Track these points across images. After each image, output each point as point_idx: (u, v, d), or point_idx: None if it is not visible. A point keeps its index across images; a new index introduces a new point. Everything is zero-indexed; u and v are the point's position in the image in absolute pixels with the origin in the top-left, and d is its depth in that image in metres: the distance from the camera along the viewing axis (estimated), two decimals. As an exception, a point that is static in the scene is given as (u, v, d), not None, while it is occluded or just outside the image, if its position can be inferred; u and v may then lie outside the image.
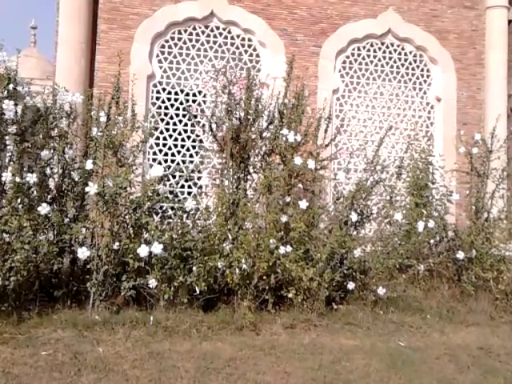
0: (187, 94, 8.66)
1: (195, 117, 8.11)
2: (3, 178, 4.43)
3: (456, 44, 9.65)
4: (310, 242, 5.05)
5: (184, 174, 5.40)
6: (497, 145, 6.56)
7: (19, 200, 4.28)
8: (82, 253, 4.30)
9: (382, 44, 9.42)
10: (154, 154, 8.51)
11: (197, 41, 8.75)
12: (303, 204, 5.13)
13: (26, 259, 4.08)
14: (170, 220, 4.83)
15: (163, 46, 8.67)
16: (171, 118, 8.59)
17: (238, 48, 8.89)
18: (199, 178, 8.36)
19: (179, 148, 8.58)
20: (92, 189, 4.35)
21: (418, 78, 9.58)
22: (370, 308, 5.05)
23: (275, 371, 3.55)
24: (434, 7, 9.60)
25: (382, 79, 9.40)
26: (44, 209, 4.32)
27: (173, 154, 8.56)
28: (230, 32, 8.86)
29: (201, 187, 8.14)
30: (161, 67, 8.63)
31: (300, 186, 5.69)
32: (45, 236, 4.44)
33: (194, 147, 8.53)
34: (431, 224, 5.73)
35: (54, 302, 4.47)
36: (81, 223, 4.56)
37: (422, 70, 9.60)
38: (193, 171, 7.62)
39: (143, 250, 4.28)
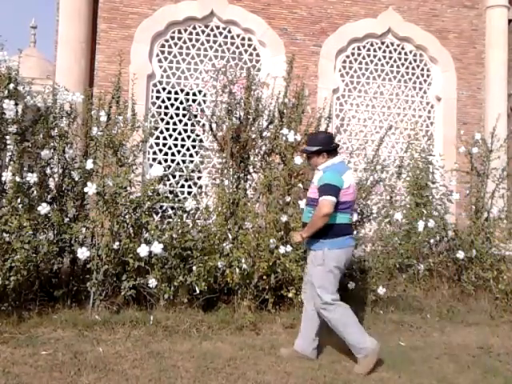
0: (187, 94, 8.67)
1: (195, 116, 8.11)
2: (3, 178, 4.42)
3: (456, 43, 9.66)
4: (310, 242, 5.04)
5: (184, 173, 5.39)
6: (497, 144, 6.56)
7: (19, 200, 4.27)
8: (82, 253, 4.29)
9: (382, 43, 9.43)
10: (154, 153, 8.51)
11: (197, 40, 8.75)
12: (303, 204, 5.12)
13: (26, 259, 4.08)
14: (170, 220, 4.83)
15: (163, 46, 8.67)
16: (171, 117, 8.60)
17: (237, 47, 8.89)
18: (199, 178, 8.37)
19: (179, 148, 8.58)
20: (91, 189, 4.35)
21: (418, 78, 9.58)
22: (370, 308, 5.06)
23: (275, 371, 3.55)
24: (434, 7, 9.61)
25: (382, 79, 9.40)
26: (44, 208, 4.32)
27: (173, 154, 8.56)
28: (229, 31, 8.87)
29: (201, 187, 8.14)
30: (161, 67, 8.64)
31: (300, 185, 5.67)
32: (45, 236, 4.43)
33: (194, 147, 8.54)
34: (431, 224, 5.73)
35: (54, 302, 4.47)
36: (81, 223, 4.56)
37: (422, 70, 9.60)
38: (193, 171, 7.60)
39: (143, 250, 4.28)
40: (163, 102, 8.61)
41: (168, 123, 8.57)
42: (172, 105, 8.62)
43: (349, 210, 3.75)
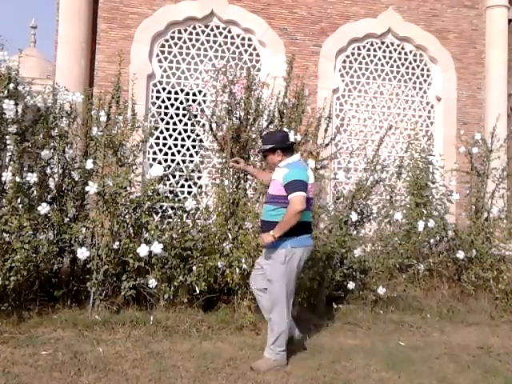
0: (187, 94, 8.66)
1: (195, 116, 8.11)
2: (3, 178, 4.42)
3: (456, 43, 9.65)
4: (310, 242, 5.04)
5: (184, 173, 5.40)
6: (497, 144, 6.56)
7: (19, 200, 4.27)
8: (82, 253, 4.29)
9: (382, 43, 9.42)
10: (154, 153, 8.51)
11: (197, 40, 8.75)
12: (303, 203, 5.12)
13: (26, 259, 4.08)
14: (170, 220, 4.83)
15: (163, 46, 8.67)
16: (171, 117, 8.60)
17: (238, 47, 8.89)
18: (199, 178, 8.37)
19: (179, 147, 8.58)
20: (92, 188, 4.35)
21: (418, 78, 9.58)
22: (370, 307, 5.06)
23: (275, 371, 3.55)
24: (434, 6, 9.60)
25: (382, 79, 9.40)
26: (44, 208, 4.32)
27: (173, 154, 8.56)
28: (229, 31, 8.86)
29: (201, 187, 8.14)
30: (161, 67, 8.63)
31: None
32: (45, 236, 4.43)
33: (194, 147, 8.53)
34: (431, 224, 5.73)
35: (54, 302, 4.47)
36: (81, 223, 4.56)
37: (422, 70, 9.60)
38: (193, 171, 7.61)
39: (143, 250, 4.28)
40: (163, 102, 8.61)
41: (168, 123, 8.57)
42: (172, 105, 8.62)
43: (311, 207, 3.79)
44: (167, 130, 8.55)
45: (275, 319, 3.65)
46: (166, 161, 8.46)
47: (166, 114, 8.58)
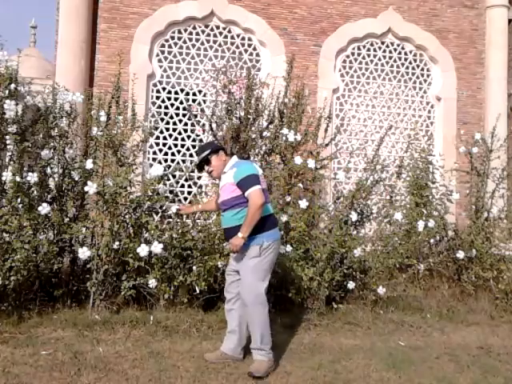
0: (187, 94, 8.67)
1: (195, 116, 8.11)
2: (3, 178, 4.41)
3: (456, 43, 9.65)
4: (310, 242, 5.05)
5: (184, 173, 5.40)
6: (497, 144, 6.57)
7: (19, 199, 4.27)
8: (83, 253, 4.28)
9: (382, 43, 9.42)
10: (154, 153, 8.51)
11: (197, 40, 8.75)
12: (303, 203, 5.13)
13: (26, 259, 4.08)
14: (170, 220, 4.83)
15: (163, 46, 8.67)
16: (171, 117, 8.60)
17: (238, 47, 8.89)
18: (199, 178, 8.37)
19: (179, 147, 8.58)
20: (91, 188, 4.34)
21: (418, 78, 9.58)
22: (370, 307, 5.05)
23: (275, 371, 3.55)
24: (434, 6, 9.60)
25: (382, 78, 9.40)
26: (44, 208, 4.31)
27: (173, 154, 8.56)
28: (230, 31, 8.86)
29: (201, 187, 8.14)
30: (161, 66, 8.63)
31: (300, 185, 5.69)
32: (45, 235, 4.43)
33: (194, 147, 8.53)
34: (431, 223, 5.73)
35: (54, 302, 4.47)
36: (81, 223, 4.56)
37: (422, 70, 9.60)
38: (193, 171, 7.61)
39: (143, 250, 4.28)
40: (163, 101, 8.61)
41: (168, 123, 8.57)
42: (172, 105, 8.62)
43: (268, 199, 3.67)
44: (167, 129, 8.55)
45: (255, 318, 3.52)
46: (166, 161, 8.46)
47: (165, 113, 8.58)
